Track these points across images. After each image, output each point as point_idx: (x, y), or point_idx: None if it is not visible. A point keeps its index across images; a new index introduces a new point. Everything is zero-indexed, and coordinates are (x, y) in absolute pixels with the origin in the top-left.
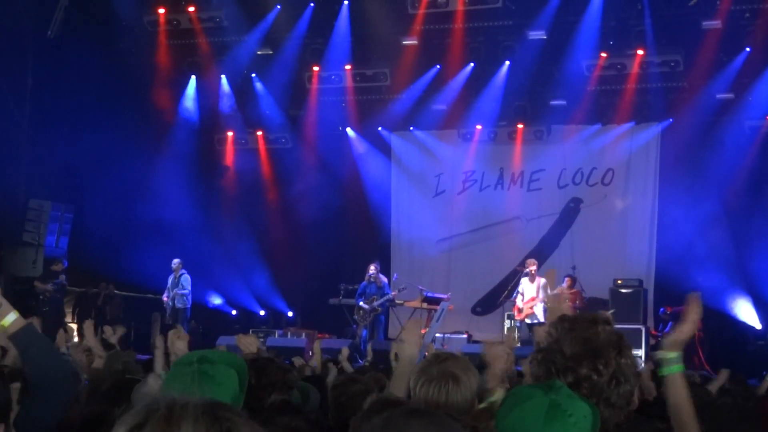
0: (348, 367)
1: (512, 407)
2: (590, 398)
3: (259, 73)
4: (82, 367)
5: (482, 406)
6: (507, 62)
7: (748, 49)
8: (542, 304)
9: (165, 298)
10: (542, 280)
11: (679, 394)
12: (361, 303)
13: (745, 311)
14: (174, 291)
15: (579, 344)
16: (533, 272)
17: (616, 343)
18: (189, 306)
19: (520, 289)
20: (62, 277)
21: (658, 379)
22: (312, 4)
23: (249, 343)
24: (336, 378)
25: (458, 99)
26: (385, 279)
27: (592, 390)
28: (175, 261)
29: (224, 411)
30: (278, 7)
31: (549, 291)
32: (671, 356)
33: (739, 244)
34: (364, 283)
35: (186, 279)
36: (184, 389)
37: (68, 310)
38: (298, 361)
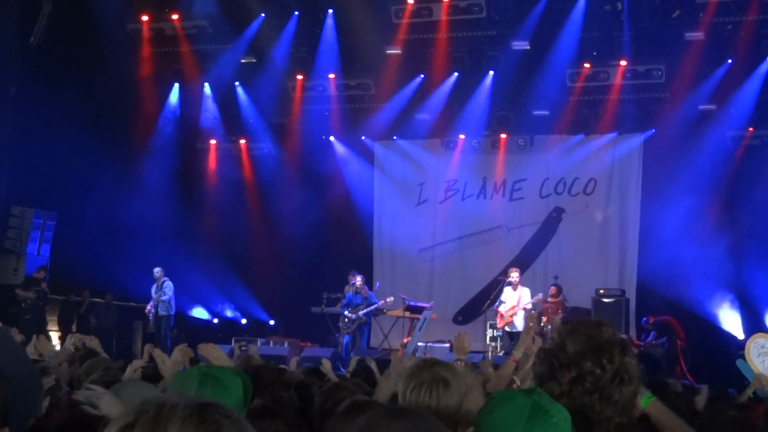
0: (333, 377)
1: (494, 407)
2: (593, 394)
3: (242, 81)
4: (62, 375)
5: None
6: (491, 72)
7: (729, 60)
8: (523, 312)
9: (149, 308)
10: (524, 290)
11: (664, 417)
12: (346, 312)
13: (728, 320)
14: (156, 296)
15: (583, 341)
16: (515, 281)
17: (620, 343)
18: (173, 313)
19: (502, 297)
20: (44, 285)
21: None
22: (296, 13)
23: (218, 357)
24: (323, 385)
25: (442, 108)
26: (369, 290)
27: (595, 385)
28: (157, 270)
29: (213, 412)
30: (263, 15)
31: (530, 299)
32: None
33: (721, 254)
34: (350, 293)
35: (169, 285)
36: (188, 391)
37: (51, 318)
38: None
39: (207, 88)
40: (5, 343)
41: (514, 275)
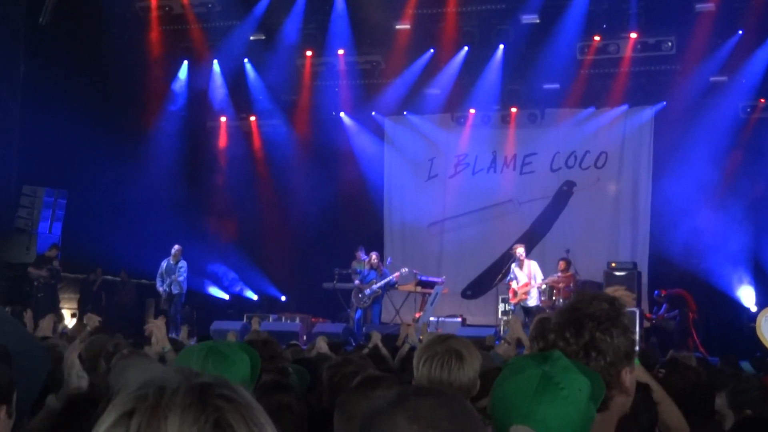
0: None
1: (505, 379)
2: None
3: (252, 58)
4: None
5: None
6: (501, 46)
7: (740, 31)
8: (536, 289)
9: (159, 285)
10: (533, 263)
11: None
12: (357, 283)
13: (741, 292)
14: (173, 277)
15: (565, 315)
16: (521, 257)
17: (599, 318)
18: (185, 291)
19: (512, 274)
20: (56, 263)
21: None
22: None
23: (160, 337)
24: (331, 360)
25: (452, 83)
26: (384, 268)
27: None
28: (176, 247)
29: (214, 397)
30: None
31: (540, 275)
32: None
33: (734, 225)
34: (366, 269)
35: (183, 265)
36: (193, 366)
37: (64, 296)
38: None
39: (216, 66)
40: (3, 321)
41: (520, 251)
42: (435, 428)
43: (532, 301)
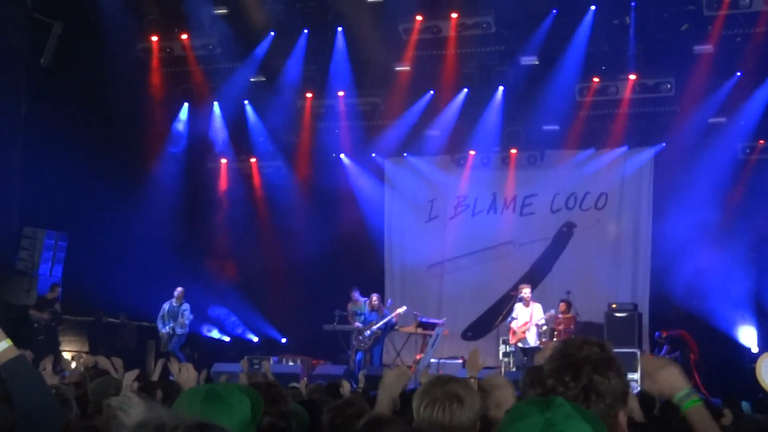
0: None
1: (508, 426)
2: None
3: (252, 100)
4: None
5: None
6: (501, 88)
7: (738, 73)
8: (535, 328)
9: (162, 327)
10: (536, 305)
11: (702, 425)
12: (361, 326)
13: (743, 333)
14: (180, 320)
15: (559, 360)
16: (527, 297)
17: (595, 361)
18: (187, 332)
19: (514, 314)
20: (57, 306)
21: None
22: (306, 31)
23: (187, 379)
24: (331, 402)
25: (452, 125)
26: (386, 310)
27: None
28: (179, 289)
29: None
30: (272, 34)
31: (542, 316)
32: (683, 392)
33: (735, 266)
34: (368, 311)
35: (187, 308)
36: (191, 409)
37: (69, 339)
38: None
39: (216, 108)
40: (25, 372)
41: (526, 291)
42: None
43: (531, 340)
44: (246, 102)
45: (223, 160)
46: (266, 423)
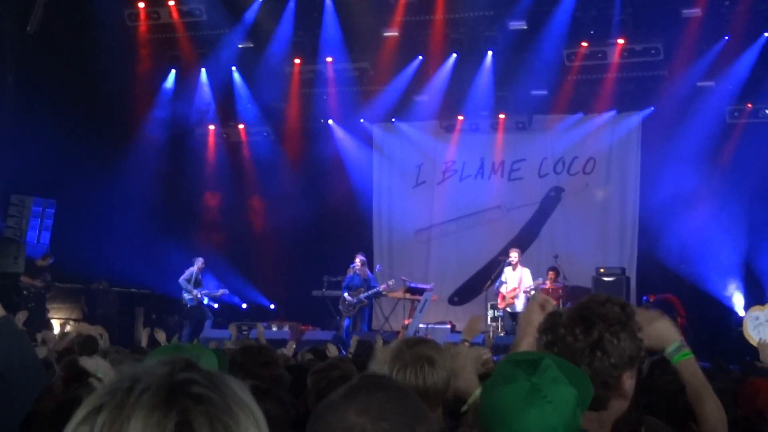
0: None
1: (494, 387)
2: None
3: (240, 66)
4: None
5: (464, 409)
6: (490, 53)
7: (726, 37)
8: (524, 294)
9: (186, 293)
10: (525, 270)
11: (693, 378)
12: (346, 295)
13: (730, 296)
14: (205, 291)
15: (576, 311)
16: (515, 262)
17: (611, 320)
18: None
19: (503, 278)
20: (48, 275)
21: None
22: None
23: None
24: (316, 365)
25: (440, 90)
26: (369, 272)
27: (563, 352)
28: (200, 260)
29: (186, 397)
30: None
31: (529, 283)
32: (675, 345)
33: (723, 230)
34: (350, 275)
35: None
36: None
37: (56, 306)
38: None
39: (203, 74)
40: (10, 333)
41: (514, 255)
42: (383, 421)
43: (519, 306)
44: (234, 68)
45: (211, 127)
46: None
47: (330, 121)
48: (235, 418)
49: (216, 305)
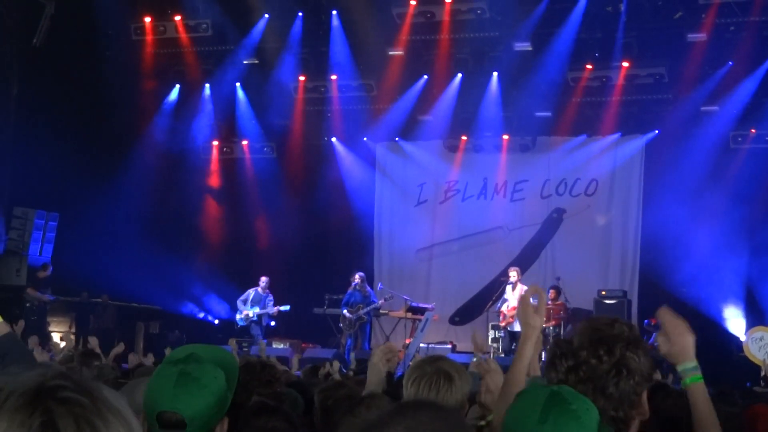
0: (338, 377)
1: (516, 400)
2: (586, 384)
3: (245, 82)
4: None
5: (482, 423)
6: (495, 73)
7: (730, 62)
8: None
9: (240, 313)
10: (523, 288)
11: (701, 404)
12: (345, 311)
13: (731, 320)
14: (265, 309)
15: (588, 335)
16: (515, 281)
17: (627, 339)
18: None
19: (506, 296)
20: (48, 290)
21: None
22: (300, 14)
23: None
24: (323, 383)
25: (444, 110)
26: (370, 288)
27: (589, 375)
28: (265, 279)
29: (51, 400)
30: (266, 16)
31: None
32: (692, 365)
33: (725, 254)
34: (350, 291)
35: (272, 298)
36: (162, 390)
37: (57, 319)
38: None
39: (207, 90)
40: (15, 347)
41: (513, 274)
42: None
43: (518, 325)
44: (238, 84)
45: (214, 143)
46: (255, 402)
47: (333, 139)
48: (105, 420)
49: (273, 323)
